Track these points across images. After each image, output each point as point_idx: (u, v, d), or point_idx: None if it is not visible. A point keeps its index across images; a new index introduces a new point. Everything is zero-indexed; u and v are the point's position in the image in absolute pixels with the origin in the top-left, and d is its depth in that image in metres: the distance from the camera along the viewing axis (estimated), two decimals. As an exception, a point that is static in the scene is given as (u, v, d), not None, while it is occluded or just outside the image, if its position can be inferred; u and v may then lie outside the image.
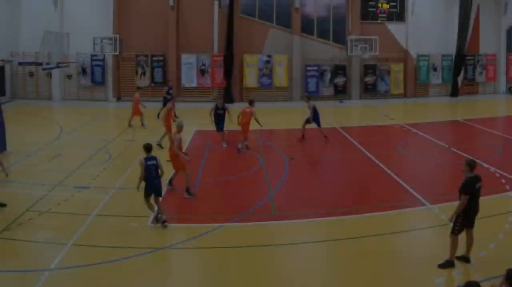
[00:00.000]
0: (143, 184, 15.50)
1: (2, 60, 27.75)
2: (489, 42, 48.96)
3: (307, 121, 27.71)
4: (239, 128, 25.60)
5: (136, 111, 31.27)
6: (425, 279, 12.03)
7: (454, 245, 12.45)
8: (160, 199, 15.78)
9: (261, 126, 26.16)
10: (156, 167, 15.52)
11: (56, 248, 13.77)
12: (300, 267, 13.08)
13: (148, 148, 15.83)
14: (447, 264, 12.43)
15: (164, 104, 31.20)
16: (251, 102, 26.53)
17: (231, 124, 26.46)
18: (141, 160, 15.50)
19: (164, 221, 15.27)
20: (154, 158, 15.67)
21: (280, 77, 45.28)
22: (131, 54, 44.66)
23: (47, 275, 12.22)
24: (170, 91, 34.57)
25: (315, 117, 27.53)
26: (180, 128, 18.97)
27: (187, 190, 18.38)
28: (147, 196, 15.56)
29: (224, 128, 26.36)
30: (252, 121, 25.63)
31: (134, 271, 12.54)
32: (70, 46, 30.97)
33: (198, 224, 15.77)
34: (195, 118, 31.55)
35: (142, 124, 31.10)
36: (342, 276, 12.36)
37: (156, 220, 15.48)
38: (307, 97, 28.96)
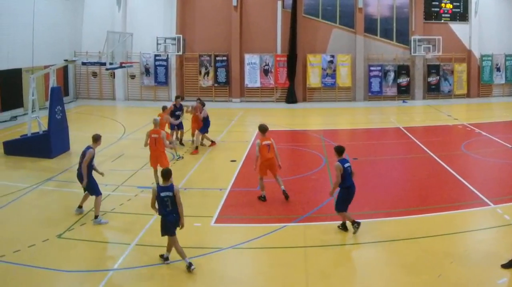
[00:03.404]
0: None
1: (66, 60, 28.19)
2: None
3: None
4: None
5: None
6: (488, 279, 12.00)
7: (516, 245, 12.41)
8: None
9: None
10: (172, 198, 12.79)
11: (119, 248, 14.12)
12: (363, 267, 13.24)
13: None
14: (511, 264, 12.38)
15: (175, 126, 26.60)
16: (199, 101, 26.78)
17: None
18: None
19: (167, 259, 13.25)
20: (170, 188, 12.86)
21: (344, 77, 45.24)
22: (195, 54, 45.43)
23: (111, 275, 12.53)
24: (177, 113, 26.76)
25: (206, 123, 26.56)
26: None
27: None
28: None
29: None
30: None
31: (198, 271, 12.66)
32: (134, 46, 31.27)
33: (261, 224, 15.96)
34: (258, 118, 31.69)
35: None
36: (405, 276, 12.38)
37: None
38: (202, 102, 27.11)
